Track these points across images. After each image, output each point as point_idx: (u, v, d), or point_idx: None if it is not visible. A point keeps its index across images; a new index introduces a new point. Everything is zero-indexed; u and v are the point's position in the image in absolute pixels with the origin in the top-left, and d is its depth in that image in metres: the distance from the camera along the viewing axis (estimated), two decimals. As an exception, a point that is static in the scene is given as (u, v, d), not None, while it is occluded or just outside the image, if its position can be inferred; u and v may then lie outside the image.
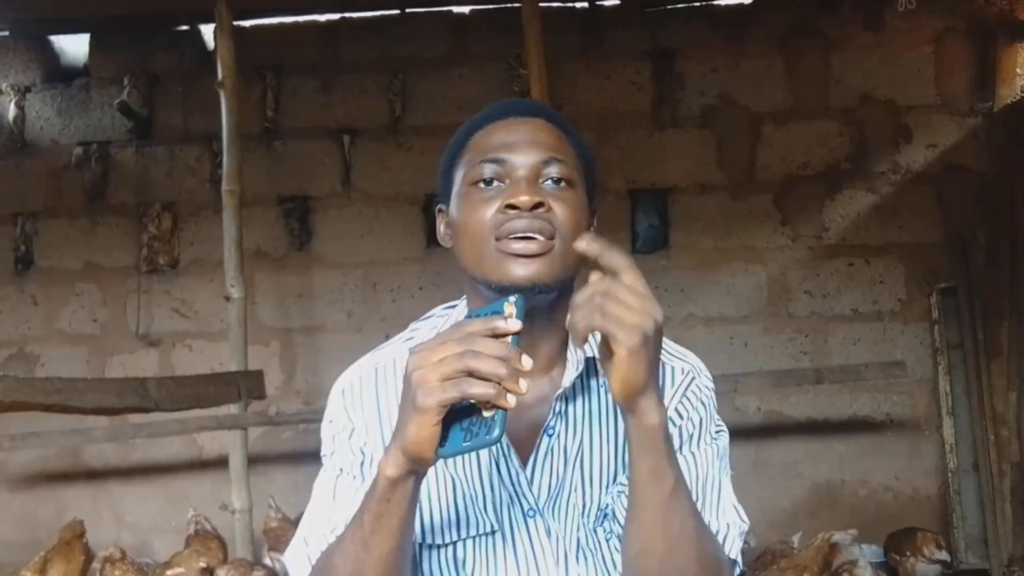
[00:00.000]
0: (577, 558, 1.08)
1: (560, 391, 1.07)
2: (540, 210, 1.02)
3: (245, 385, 3.20)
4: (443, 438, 0.88)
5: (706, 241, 3.81)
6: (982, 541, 3.54)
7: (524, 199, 1.01)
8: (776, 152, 3.82)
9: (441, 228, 1.14)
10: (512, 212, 1.02)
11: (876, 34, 3.78)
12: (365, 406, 1.10)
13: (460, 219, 1.06)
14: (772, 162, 3.82)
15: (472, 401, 0.87)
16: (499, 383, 0.85)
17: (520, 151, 1.05)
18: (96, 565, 3.11)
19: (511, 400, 0.85)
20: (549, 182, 1.05)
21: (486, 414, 0.86)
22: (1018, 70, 3.68)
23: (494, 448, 1.06)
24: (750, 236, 3.80)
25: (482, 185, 1.05)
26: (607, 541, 1.08)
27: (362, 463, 1.08)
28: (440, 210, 1.14)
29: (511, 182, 1.04)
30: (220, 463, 3.48)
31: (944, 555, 2.98)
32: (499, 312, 0.90)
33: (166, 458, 3.84)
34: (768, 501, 3.61)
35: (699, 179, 3.82)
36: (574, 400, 1.09)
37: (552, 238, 1.02)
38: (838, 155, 3.80)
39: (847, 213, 3.79)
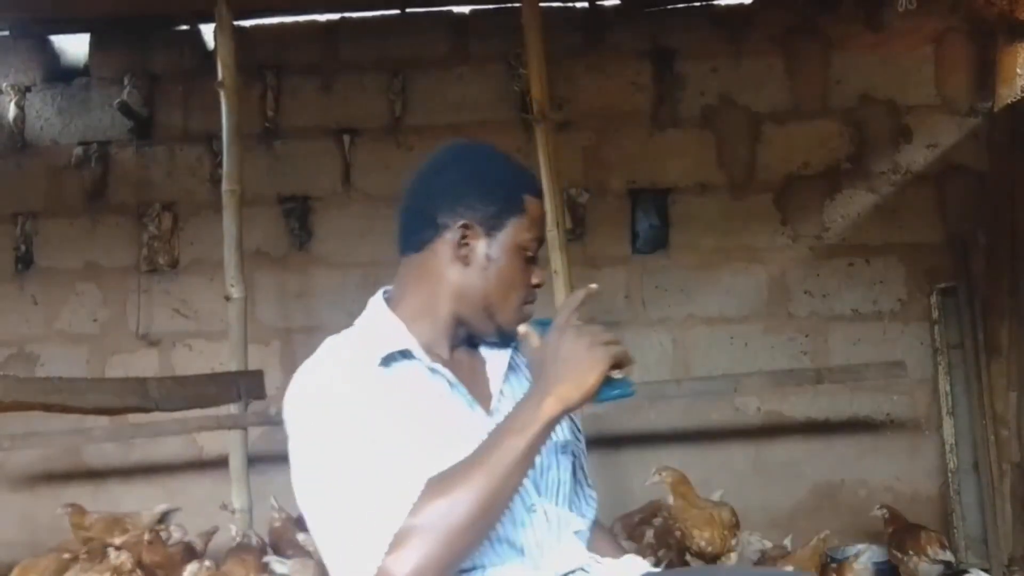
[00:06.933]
0: (540, 491, 1.27)
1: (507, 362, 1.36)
2: None
3: (245, 385, 3.19)
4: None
5: (706, 241, 3.81)
6: (982, 541, 3.54)
7: (543, 282, 1.35)
8: (776, 152, 3.81)
9: (476, 247, 1.28)
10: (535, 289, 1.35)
11: (876, 34, 3.78)
12: (361, 387, 1.23)
13: (508, 275, 1.30)
14: (772, 162, 3.82)
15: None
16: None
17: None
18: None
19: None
20: None
21: (616, 375, 1.13)
22: (1018, 70, 3.67)
23: (466, 395, 1.28)
24: (750, 236, 3.80)
25: (529, 254, 1.31)
26: (570, 473, 1.34)
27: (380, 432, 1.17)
28: (467, 226, 1.27)
29: (535, 260, 1.33)
30: (220, 463, 3.46)
31: (948, 555, 2.95)
32: (546, 325, 1.20)
33: (166, 458, 3.84)
34: (768, 501, 3.60)
35: (699, 179, 3.82)
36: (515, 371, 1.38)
37: None
38: (838, 155, 3.80)
39: (847, 213, 3.78)
